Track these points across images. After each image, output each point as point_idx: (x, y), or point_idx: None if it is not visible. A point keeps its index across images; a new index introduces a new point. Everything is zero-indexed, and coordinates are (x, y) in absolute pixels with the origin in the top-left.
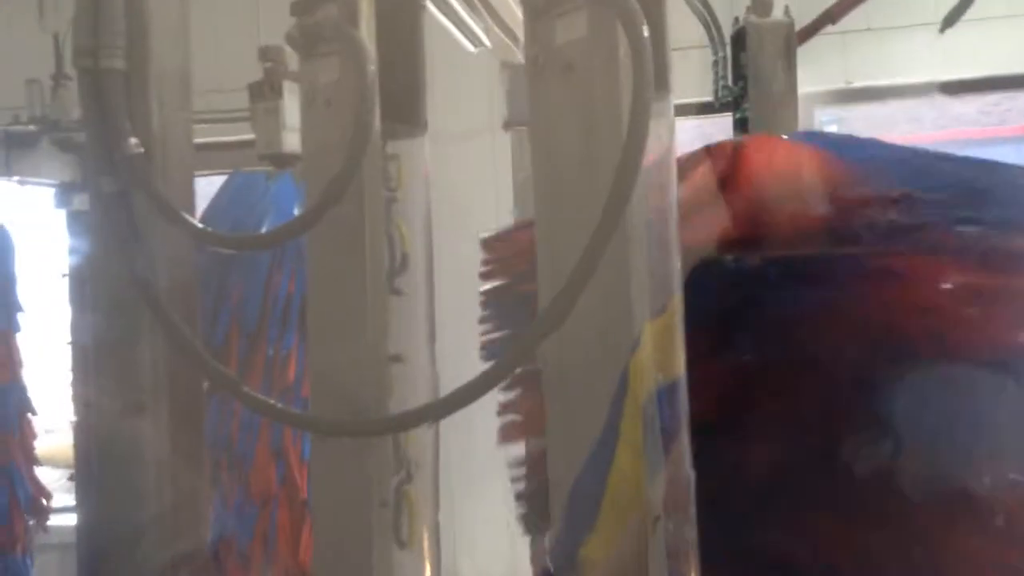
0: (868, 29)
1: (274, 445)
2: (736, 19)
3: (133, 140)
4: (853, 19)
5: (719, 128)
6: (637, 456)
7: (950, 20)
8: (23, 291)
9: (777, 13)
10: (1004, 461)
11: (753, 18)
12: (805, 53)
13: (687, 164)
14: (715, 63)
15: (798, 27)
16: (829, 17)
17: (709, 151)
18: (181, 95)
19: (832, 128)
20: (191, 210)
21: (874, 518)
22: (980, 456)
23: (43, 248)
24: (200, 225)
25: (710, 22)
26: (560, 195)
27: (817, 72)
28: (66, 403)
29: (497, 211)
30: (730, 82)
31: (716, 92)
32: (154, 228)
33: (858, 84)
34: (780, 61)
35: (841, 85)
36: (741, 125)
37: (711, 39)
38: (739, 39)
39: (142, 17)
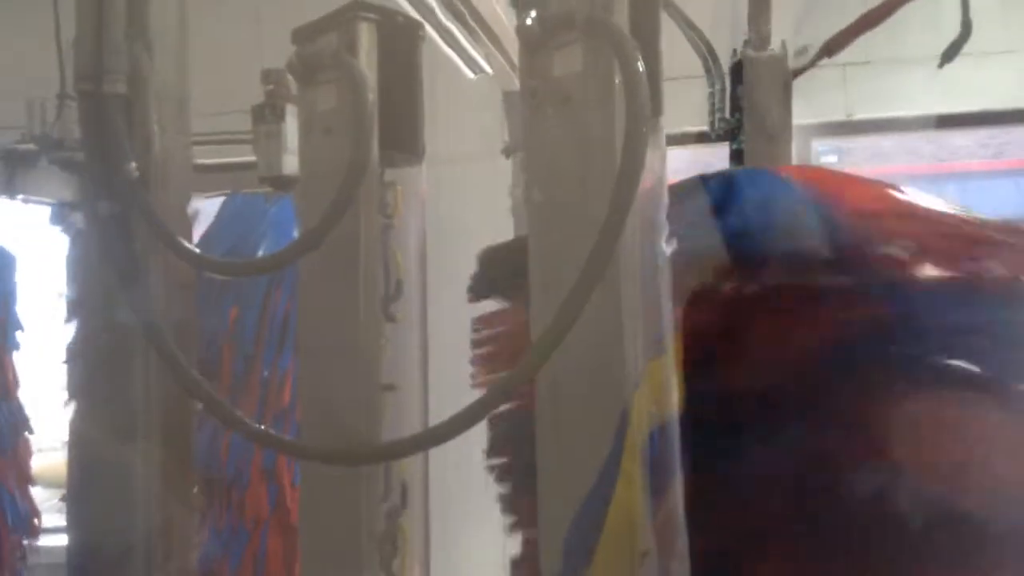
0: (868, 62)
1: (267, 467)
2: (734, 51)
3: (132, 164)
4: (853, 52)
5: (720, 156)
6: (636, 493)
7: (948, 56)
8: (22, 308)
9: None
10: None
11: (750, 52)
12: (806, 85)
13: (681, 190)
14: (711, 95)
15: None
16: (826, 50)
17: (704, 180)
18: (181, 119)
19: (832, 159)
20: (188, 234)
21: (875, 547)
22: (977, 482)
23: (42, 266)
24: (197, 250)
25: (707, 55)
26: (555, 224)
27: (818, 104)
28: (59, 422)
29: (495, 237)
30: (727, 114)
31: (712, 123)
32: (151, 252)
33: (858, 117)
34: (775, 95)
35: (842, 117)
36: (737, 156)
37: (707, 71)
38: (737, 72)
39: (143, 42)
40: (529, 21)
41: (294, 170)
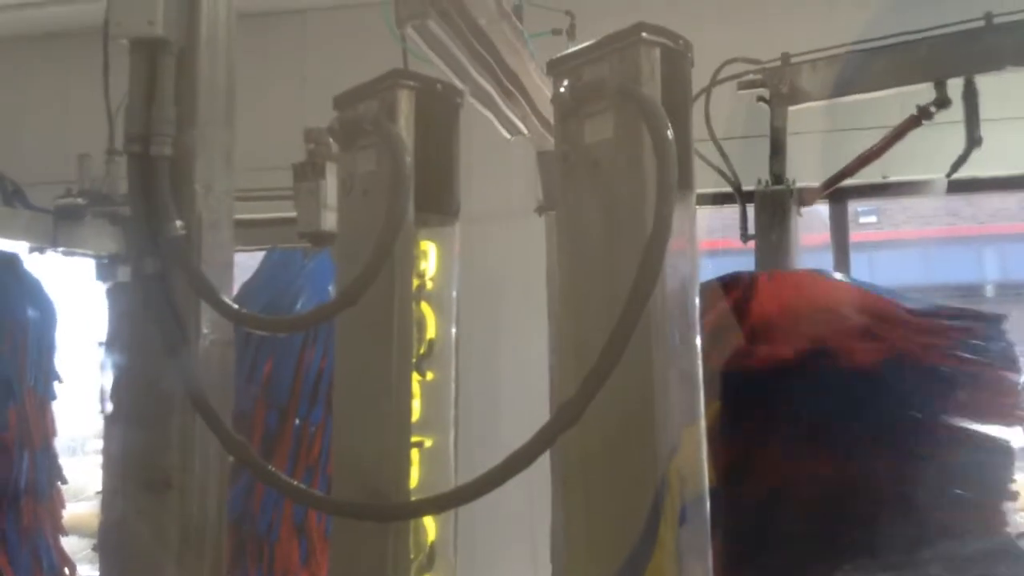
0: None
1: (298, 521)
2: (759, 180)
3: (177, 223)
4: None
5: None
6: (671, 562)
7: (955, 167)
8: (62, 358)
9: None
10: None
11: (761, 187)
12: (845, 147)
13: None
14: (742, 212)
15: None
16: (846, 173)
17: (724, 284)
18: (226, 179)
19: (871, 219)
20: (229, 291)
21: None
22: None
23: (81, 316)
24: (237, 307)
25: (735, 186)
26: (585, 284)
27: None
28: (95, 472)
29: (527, 294)
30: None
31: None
32: (193, 308)
33: (894, 178)
34: (778, 221)
35: (878, 179)
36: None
37: (736, 196)
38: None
39: (192, 106)
40: (562, 89)
41: (332, 226)
